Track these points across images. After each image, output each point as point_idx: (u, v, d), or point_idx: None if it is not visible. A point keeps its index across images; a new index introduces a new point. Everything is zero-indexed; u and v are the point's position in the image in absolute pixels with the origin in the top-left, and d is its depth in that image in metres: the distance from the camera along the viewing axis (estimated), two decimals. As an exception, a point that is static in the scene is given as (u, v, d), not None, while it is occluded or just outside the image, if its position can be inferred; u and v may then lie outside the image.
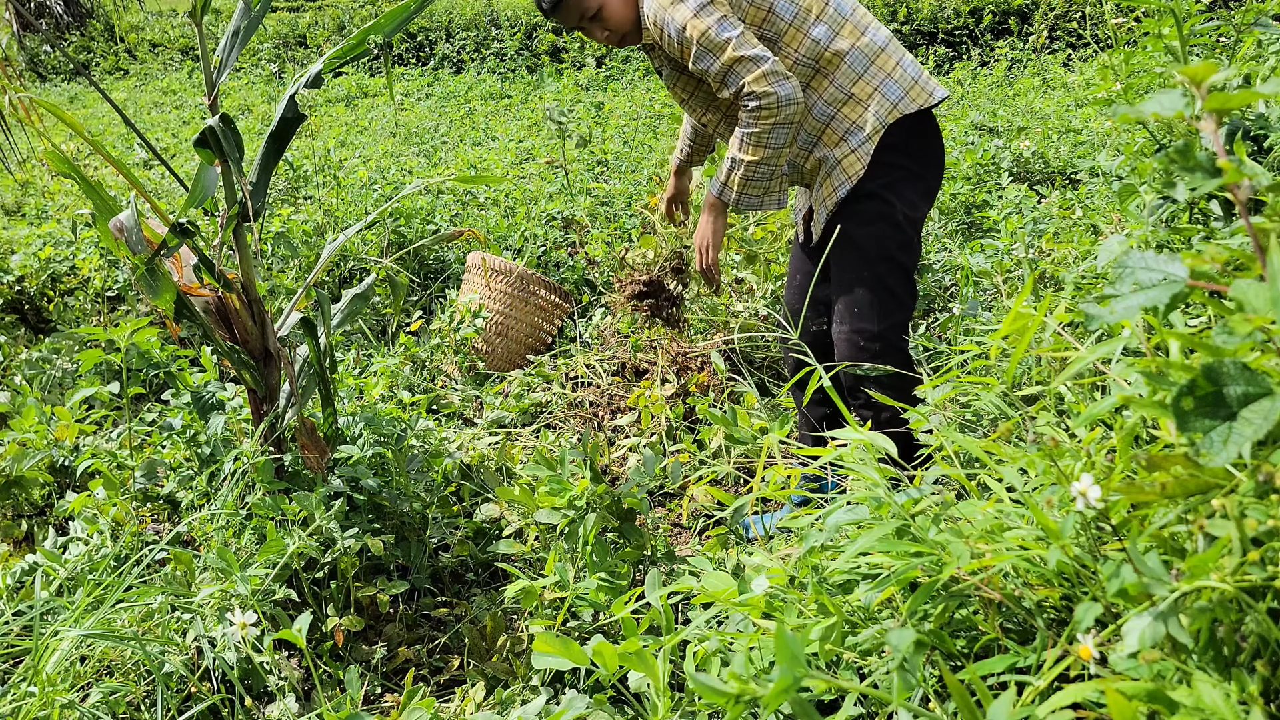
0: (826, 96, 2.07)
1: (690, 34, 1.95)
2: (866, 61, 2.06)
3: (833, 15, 2.06)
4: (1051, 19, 8.41)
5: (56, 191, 5.31)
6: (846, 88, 2.06)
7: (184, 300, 1.83)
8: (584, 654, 1.28)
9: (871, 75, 2.06)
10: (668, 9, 1.97)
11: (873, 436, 1.17)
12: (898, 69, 2.07)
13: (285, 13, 12.61)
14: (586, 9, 2.06)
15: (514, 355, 3.44)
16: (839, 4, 2.08)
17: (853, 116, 2.06)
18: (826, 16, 2.05)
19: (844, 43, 2.04)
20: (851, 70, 2.05)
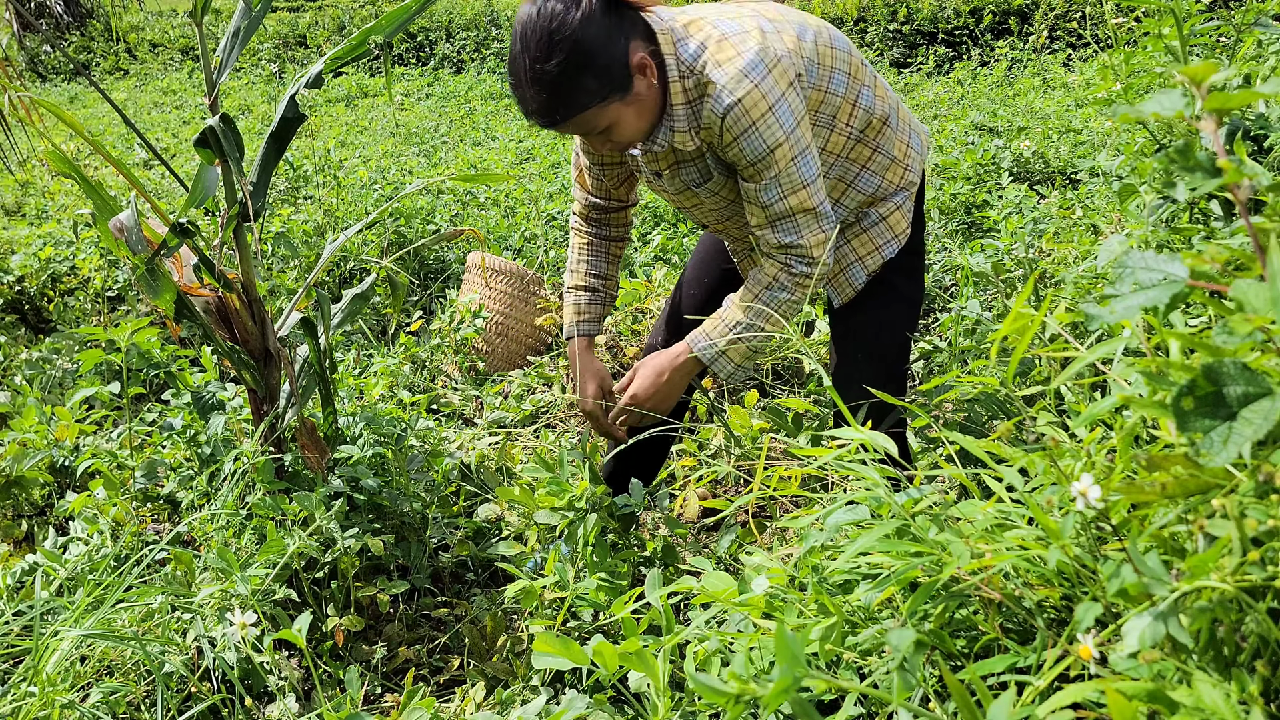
0: (874, 166, 1.84)
1: (777, 157, 1.64)
2: (898, 119, 1.85)
3: (870, 76, 1.81)
4: (1051, 19, 8.41)
5: (57, 191, 5.31)
6: (890, 151, 1.84)
7: (184, 300, 1.83)
8: (584, 654, 1.28)
9: (904, 131, 1.87)
10: (757, 120, 1.61)
11: (873, 436, 1.17)
12: (911, 117, 1.91)
13: (285, 13, 12.61)
14: (594, 127, 1.66)
15: (514, 355, 3.44)
16: (863, 60, 1.84)
17: (896, 180, 1.87)
18: (866, 78, 1.80)
19: (882, 105, 1.82)
20: (894, 132, 1.84)
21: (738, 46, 1.62)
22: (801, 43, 1.70)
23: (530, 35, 1.56)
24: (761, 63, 1.60)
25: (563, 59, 1.55)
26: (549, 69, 1.55)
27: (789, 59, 1.66)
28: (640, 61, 1.61)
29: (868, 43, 9.00)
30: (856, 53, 1.82)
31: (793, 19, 1.75)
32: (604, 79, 1.58)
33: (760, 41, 1.63)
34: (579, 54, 1.55)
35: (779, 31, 1.68)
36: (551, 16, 1.55)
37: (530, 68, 1.56)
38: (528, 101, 1.61)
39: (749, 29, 1.65)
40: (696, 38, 1.66)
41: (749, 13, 1.71)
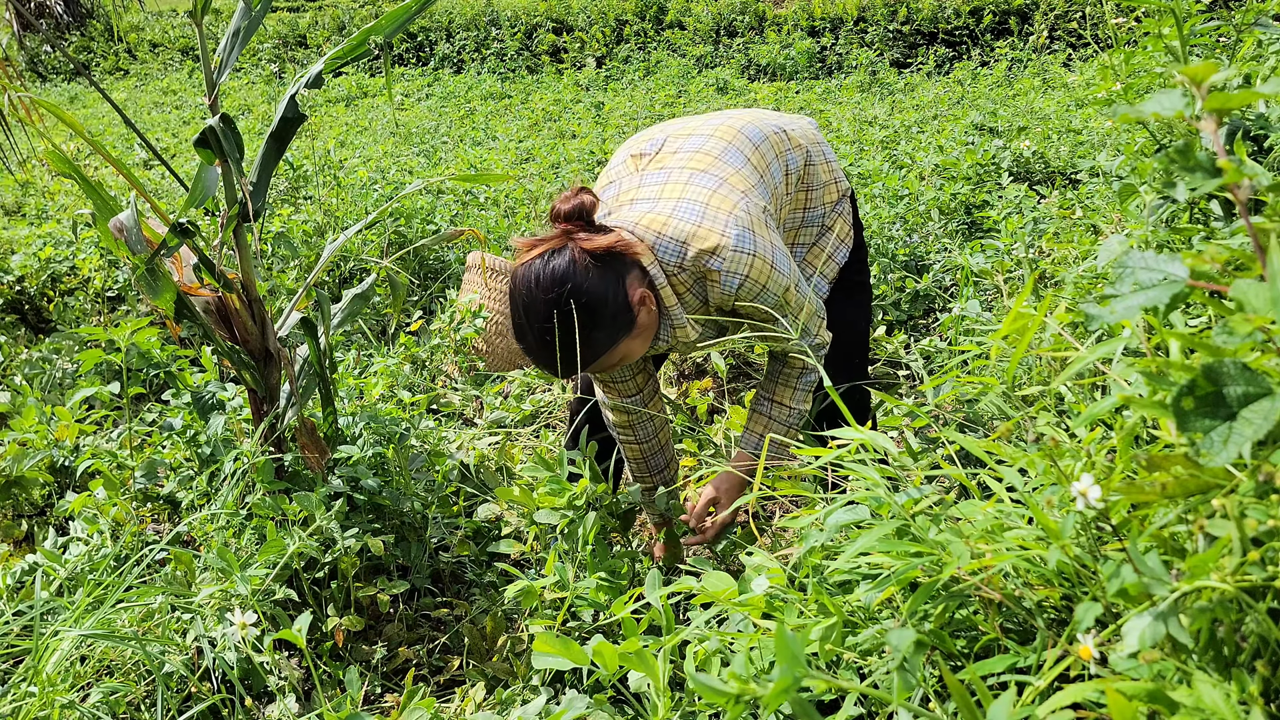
0: (814, 201, 1.96)
1: (787, 298, 1.72)
2: (814, 149, 1.96)
3: (786, 134, 1.92)
4: (1051, 19, 8.41)
5: (57, 191, 5.31)
6: (820, 180, 1.96)
7: (184, 300, 1.83)
8: (584, 654, 1.28)
9: (818, 154, 1.97)
10: (766, 281, 1.67)
11: (873, 436, 1.17)
12: (804, 126, 1.99)
13: (285, 13, 12.61)
14: (607, 366, 1.71)
15: (514, 355, 3.45)
16: (774, 120, 1.93)
17: (833, 198, 1.99)
18: (787, 140, 1.91)
19: (801, 152, 1.93)
20: (815, 165, 1.95)
21: (715, 228, 1.64)
22: (743, 174, 1.75)
23: (534, 305, 1.57)
24: (746, 232, 1.65)
25: (571, 323, 1.57)
26: (559, 336, 1.58)
27: (752, 205, 1.70)
28: (641, 297, 1.64)
29: (868, 43, 9.00)
30: (765, 124, 1.88)
31: (715, 152, 1.78)
32: (612, 327, 1.61)
33: (726, 210, 1.66)
34: (586, 313, 1.57)
35: (725, 182, 1.71)
36: (552, 283, 1.57)
37: (539, 337, 1.59)
38: (544, 365, 1.64)
39: (706, 201, 1.68)
40: (668, 234, 1.66)
41: (685, 180, 1.73)
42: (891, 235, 3.73)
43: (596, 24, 10.20)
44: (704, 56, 9.37)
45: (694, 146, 1.79)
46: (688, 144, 1.81)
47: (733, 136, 1.81)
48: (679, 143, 1.82)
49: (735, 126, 1.84)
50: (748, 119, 1.89)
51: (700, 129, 1.85)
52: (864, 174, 4.57)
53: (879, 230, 3.72)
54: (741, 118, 1.89)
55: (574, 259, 1.58)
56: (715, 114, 1.95)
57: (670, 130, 1.89)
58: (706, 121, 1.89)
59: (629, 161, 1.85)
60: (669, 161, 1.78)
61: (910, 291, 3.49)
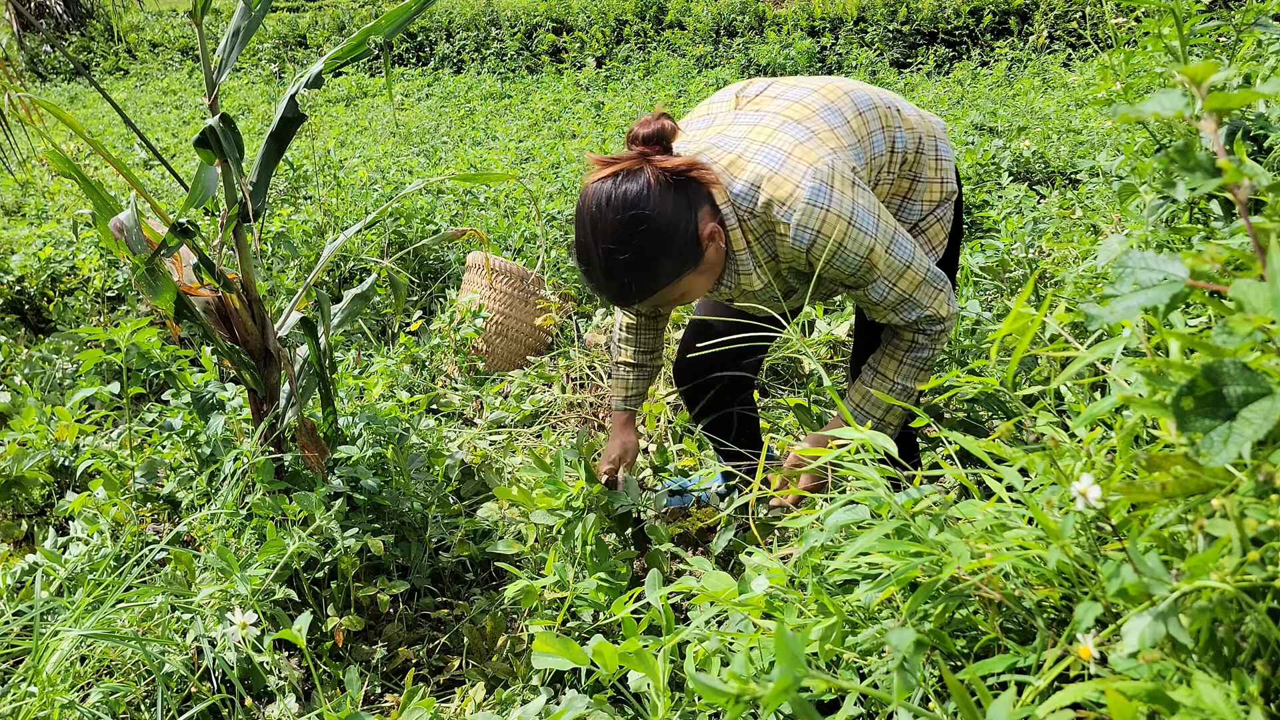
0: (915, 194, 1.84)
1: (874, 260, 1.61)
2: (926, 138, 1.83)
3: (894, 112, 1.80)
4: (1051, 19, 8.41)
5: (57, 191, 5.31)
6: (925, 175, 1.83)
7: (184, 300, 1.83)
8: (584, 654, 1.28)
9: (930, 147, 1.83)
10: (843, 239, 1.57)
11: (873, 436, 1.17)
12: (928, 120, 1.87)
13: (285, 13, 12.61)
14: (668, 299, 1.64)
15: (514, 355, 3.45)
16: (883, 98, 1.80)
17: (935, 197, 1.85)
18: (894, 119, 1.79)
19: (912, 136, 1.80)
20: (925, 155, 1.82)
21: (791, 177, 1.56)
22: (838, 133, 1.66)
23: (602, 224, 1.51)
24: (823, 185, 1.56)
25: (638, 246, 1.51)
26: (625, 259, 1.52)
27: (839, 162, 1.61)
28: (711, 231, 1.57)
29: (867, 42, 9.00)
30: (878, 96, 1.78)
31: (815, 106, 1.70)
32: (679, 258, 1.56)
33: (809, 161, 1.58)
34: (654, 240, 1.51)
35: (815, 135, 1.63)
36: (623, 204, 1.51)
37: (605, 258, 1.52)
38: (603, 289, 1.58)
39: (789, 150, 1.60)
40: (743, 178, 1.59)
41: (776, 125, 1.65)
42: (891, 235, 3.73)
43: (596, 24, 10.20)
44: (704, 56, 9.38)
45: (795, 96, 1.71)
46: (790, 93, 1.72)
47: (838, 96, 1.72)
48: (782, 89, 1.74)
49: (844, 89, 1.75)
50: (861, 86, 1.79)
51: (808, 82, 1.77)
52: (864, 174, 4.57)
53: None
54: (854, 83, 1.80)
55: (648, 181, 1.51)
56: (830, 77, 1.84)
57: (780, 79, 1.81)
58: (817, 79, 1.80)
59: (731, 99, 1.78)
60: (766, 105, 1.70)
61: (910, 291, 3.48)
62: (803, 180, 1.55)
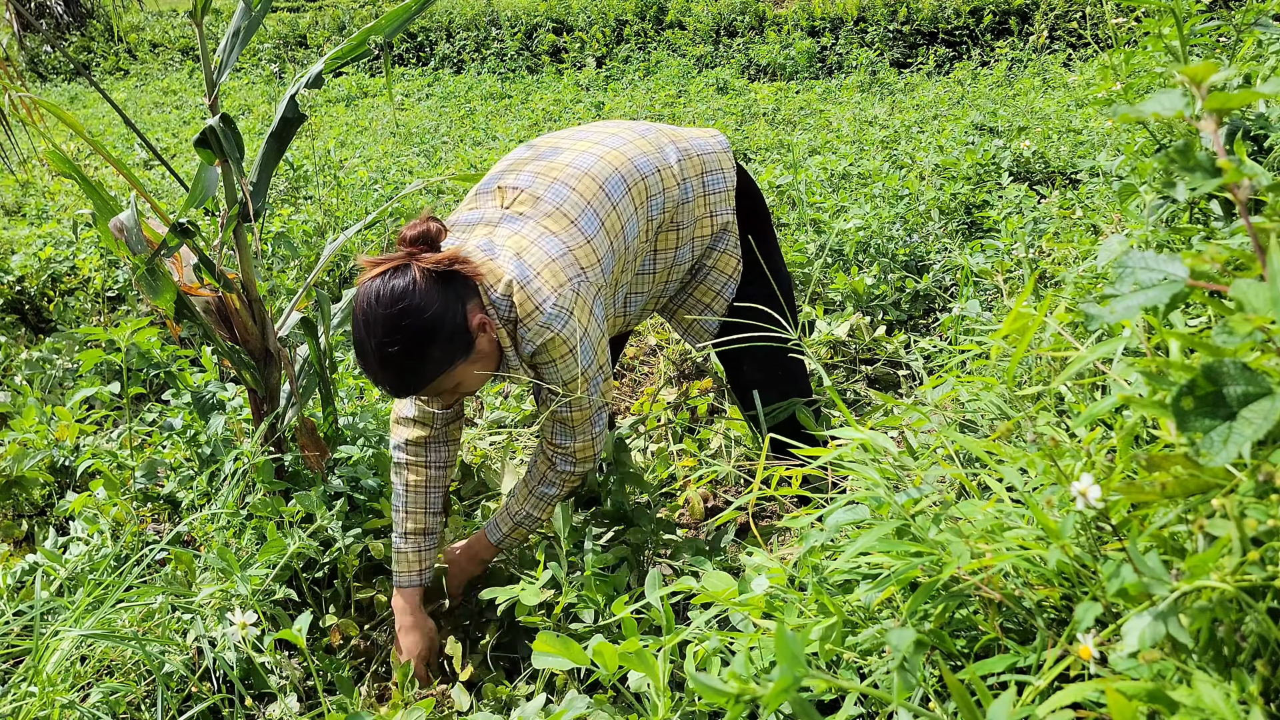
0: (684, 238, 1.95)
1: (572, 388, 1.74)
2: (693, 181, 1.93)
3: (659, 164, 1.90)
4: (1052, 19, 8.41)
5: (57, 191, 5.31)
6: (694, 217, 1.94)
7: (184, 300, 1.83)
8: (584, 654, 1.28)
9: (697, 188, 1.94)
10: (558, 359, 1.71)
11: (873, 436, 1.17)
12: (700, 145, 1.96)
13: (285, 13, 12.62)
14: (442, 389, 1.70)
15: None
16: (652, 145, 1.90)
17: (708, 232, 1.97)
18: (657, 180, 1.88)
19: (677, 191, 1.90)
20: (692, 203, 1.93)
21: (535, 297, 1.66)
22: (593, 244, 1.75)
23: (373, 318, 1.58)
24: (562, 312, 1.66)
25: (408, 340, 1.58)
26: (396, 352, 1.58)
27: (585, 286, 1.71)
28: (480, 322, 1.65)
29: (868, 42, 9.00)
30: (641, 163, 1.86)
31: (573, 214, 1.75)
32: (449, 347, 1.62)
33: (555, 284, 1.67)
34: (423, 330, 1.58)
35: (570, 251, 1.71)
36: (391, 298, 1.58)
37: (378, 350, 1.58)
38: (379, 381, 1.63)
39: (539, 269, 1.67)
40: (499, 287, 1.67)
41: (534, 237, 1.72)
42: (892, 235, 3.73)
43: (596, 24, 10.20)
44: (704, 56, 9.38)
45: (555, 201, 1.77)
46: (550, 194, 1.78)
47: (594, 193, 1.80)
48: (543, 188, 1.79)
49: (601, 177, 1.82)
50: (621, 160, 1.86)
51: (569, 176, 1.81)
52: (864, 174, 4.57)
53: (879, 230, 3.72)
54: (615, 159, 1.85)
55: (414, 277, 1.59)
56: (594, 142, 1.89)
57: (541, 166, 1.85)
58: (577, 162, 1.84)
59: (496, 193, 1.83)
60: (528, 210, 1.77)
61: (910, 291, 3.49)
62: (544, 304, 1.65)
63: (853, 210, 3.87)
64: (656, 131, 1.96)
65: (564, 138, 1.94)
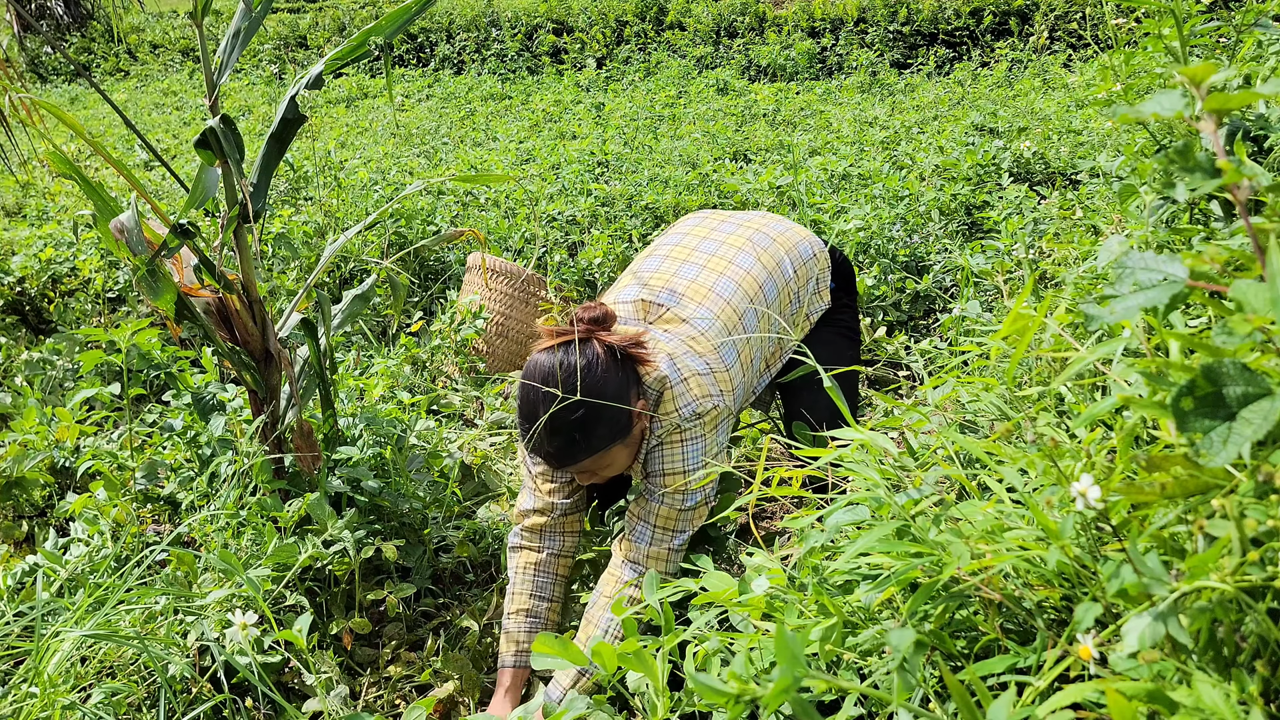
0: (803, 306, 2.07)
1: (668, 482, 1.74)
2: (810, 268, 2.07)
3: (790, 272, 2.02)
4: (1052, 20, 8.41)
5: (57, 193, 5.31)
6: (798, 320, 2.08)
7: (185, 301, 1.83)
8: (583, 654, 1.28)
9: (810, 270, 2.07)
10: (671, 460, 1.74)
11: (873, 436, 1.18)
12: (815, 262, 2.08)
13: (286, 14, 12.62)
14: (595, 469, 1.73)
15: (515, 356, 3.45)
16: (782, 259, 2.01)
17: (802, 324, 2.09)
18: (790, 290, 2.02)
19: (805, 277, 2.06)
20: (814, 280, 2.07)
21: (680, 399, 1.72)
22: (731, 373, 1.82)
23: (551, 383, 1.62)
24: (696, 420, 1.72)
25: (583, 413, 1.62)
26: (570, 421, 1.62)
27: (722, 405, 1.75)
28: (640, 410, 1.70)
29: (868, 43, 9.00)
30: (778, 278, 1.97)
31: (714, 340, 1.81)
32: (614, 428, 1.66)
33: (696, 395, 1.72)
34: (597, 408, 1.62)
35: (712, 373, 1.77)
36: (573, 369, 1.63)
37: (550, 420, 1.61)
38: (542, 444, 1.65)
39: (686, 377, 1.73)
40: (652, 373, 1.72)
41: (682, 352, 1.77)
42: (892, 236, 3.73)
43: (597, 25, 10.20)
44: (704, 57, 9.38)
45: (700, 326, 1.83)
46: (697, 317, 1.84)
47: (734, 325, 1.87)
48: (689, 312, 1.85)
49: (740, 309, 1.89)
50: (754, 288, 1.93)
51: (711, 301, 1.87)
52: (864, 174, 4.57)
53: (879, 231, 3.72)
54: (749, 286, 1.92)
55: (598, 353, 1.65)
56: (729, 262, 1.95)
57: (682, 285, 1.90)
58: (717, 287, 1.90)
59: (639, 305, 1.87)
60: (674, 329, 1.82)
61: (910, 292, 3.49)
62: (684, 407, 1.72)
63: (853, 211, 3.87)
64: (773, 242, 2.03)
65: (694, 250, 2.00)
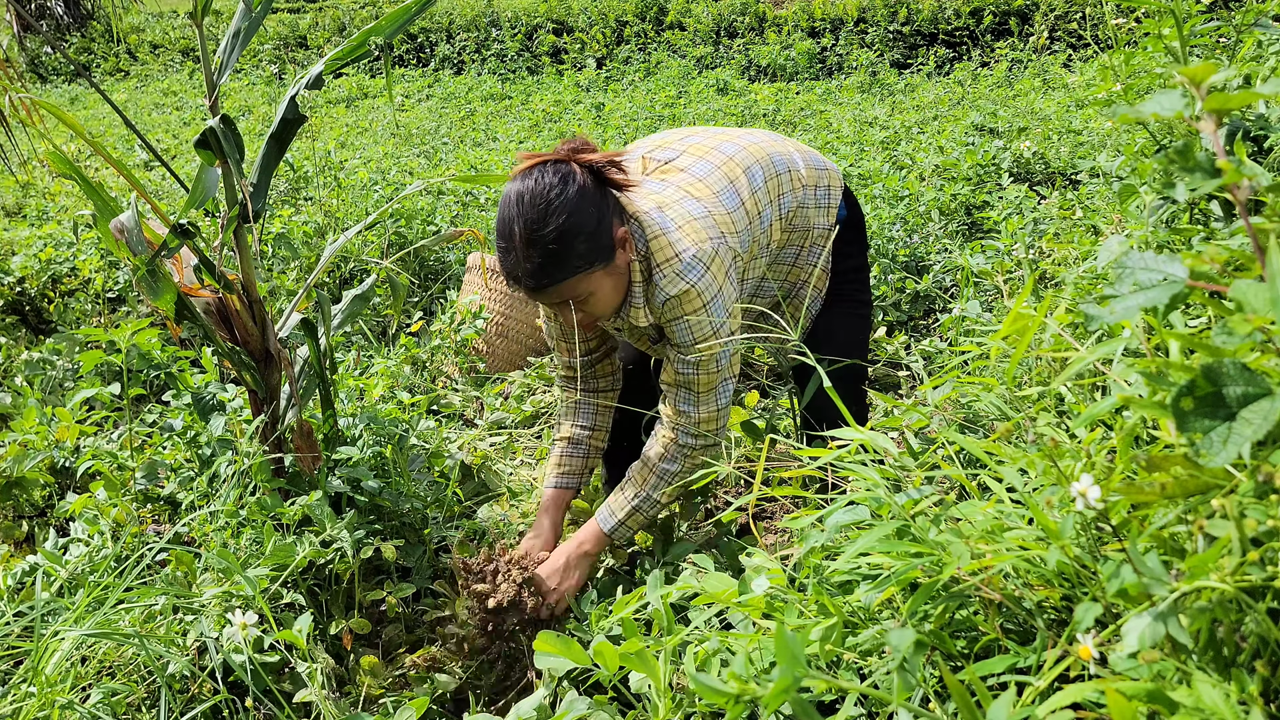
0: (793, 243, 1.99)
1: (700, 347, 1.74)
2: (813, 191, 1.98)
3: (787, 170, 1.94)
4: (1052, 20, 8.41)
5: (57, 193, 5.31)
6: (808, 224, 1.98)
7: (185, 301, 1.83)
8: (584, 654, 1.28)
9: (815, 197, 1.98)
10: (689, 314, 1.72)
11: (873, 437, 1.18)
12: (817, 166, 2.00)
13: (286, 14, 12.62)
14: (577, 294, 1.71)
15: (515, 356, 3.45)
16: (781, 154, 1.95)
17: (811, 241, 2.01)
18: (788, 182, 1.94)
19: (801, 193, 1.96)
20: (812, 210, 1.98)
21: (675, 246, 1.69)
22: (733, 217, 1.78)
23: (526, 202, 1.60)
24: (699, 264, 1.69)
25: (559, 224, 1.60)
26: (545, 234, 1.60)
27: (724, 248, 1.73)
28: (623, 235, 1.67)
29: (868, 43, 9.00)
30: (778, 162, 1.91)
31: (716, 187, 1.80)
32: (593, 246, 1.64)
33: (695, 240, 1.70)
34: (573, 221, 1.61)
35: (710, 215, 1.75)
36: (549, 186, 1.62)
37: (525, 232, 1.60)
38: (519, 264, 1.64)
39: (681, 224, 1.71)
40: (646, 226, 1.71)
41: (677, 199, 1.76)
42: (892, 236, 3.73)
43: (597, 25, 10.20)
44: (704, 57, 9.38)
45: (699, 173, 1.82)
46: (696, 166, 1.83)
47: (737, 176, 1.84)
48: (688, 161, 1.85)
49: (744, 165, 1.86)
50: (764, 153, 1.91)
51: (713, 155, 1.86)
52: (864, 174, 4.57)
53: (879, 231, 3.72)
54: (759, 150, 1.91)
55: (574, 171, 1.63)
56: (737, 133, 1.95)
57: (687, 145, 1.91)
58: (721, 146, 1.89)
59: (638, 161, 1.88)
60: (671, 177, 1.82)
61: (910, 292, 3.49)
62: (684, 253, 1.69)
63: (853, 211, 3.87)
64: (784, 140, 2.01)
65: (700, 130, 1.98)
